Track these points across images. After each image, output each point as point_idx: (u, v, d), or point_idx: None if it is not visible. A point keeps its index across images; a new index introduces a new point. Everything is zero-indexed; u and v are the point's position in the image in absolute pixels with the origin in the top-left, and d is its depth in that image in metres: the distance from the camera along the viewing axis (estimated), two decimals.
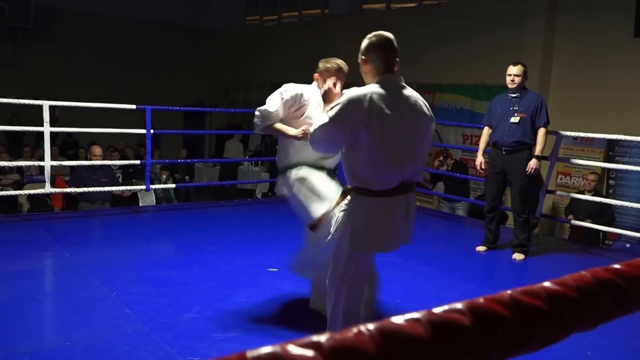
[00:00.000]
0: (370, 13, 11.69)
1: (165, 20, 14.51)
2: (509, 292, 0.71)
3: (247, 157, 11.94)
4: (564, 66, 8.20)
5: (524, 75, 4.90)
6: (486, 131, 5.19)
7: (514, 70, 4.90)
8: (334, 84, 3.01)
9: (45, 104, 5.48)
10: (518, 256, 4.97)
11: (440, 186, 7.87)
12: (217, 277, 4.04)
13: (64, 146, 11.23)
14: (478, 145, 5.39)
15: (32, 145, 9.47)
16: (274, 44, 13.65)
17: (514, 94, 4.94)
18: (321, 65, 3.37)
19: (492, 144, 5.11)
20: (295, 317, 3.47)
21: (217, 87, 15.05)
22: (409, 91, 2.78)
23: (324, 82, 3.13)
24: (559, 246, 5.69)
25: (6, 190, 7.19)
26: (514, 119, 4.87)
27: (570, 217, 6.29)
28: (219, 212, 6.47)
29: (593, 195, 6.25)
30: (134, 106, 5.99)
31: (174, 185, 7.64)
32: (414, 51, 10.38)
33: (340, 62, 3.39)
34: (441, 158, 7.83)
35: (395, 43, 2.86)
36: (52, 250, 4.60)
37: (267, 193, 9.74)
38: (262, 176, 10.64)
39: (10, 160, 7.98)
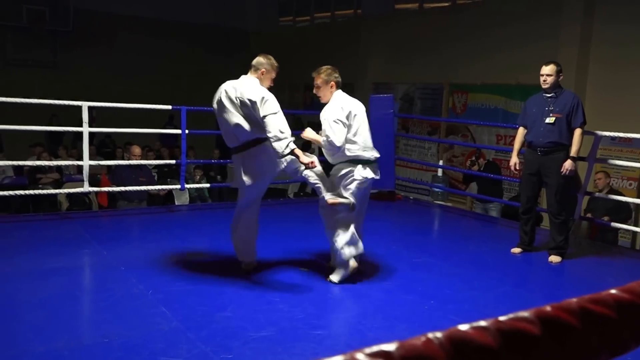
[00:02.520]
0: (403, 13, 11.61)
1: (200, 22, 14.69)
2: (575, 300, 0.68)
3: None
4: (602, 65, 8.02)
5: (557, 74, 4.80)
6: (521, 131, 5.10)
7: (546, 70, 4.81)
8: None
9: (85, 105, 5.58)
10: (555, 258, 4.88)
11: (474, 187, 7.78)
12: (251, 276, 4.06)
13: (101, 145, 11.47)
14: (512, 145, 5.31)
15: (68, 145, 9.69)
16: (306, 45, 13.68)
17: (549, 93, 4.85)
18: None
19: (527, 144, 5.02)
20: (330, 317, 3.48)
21: None
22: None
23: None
24: (596, 248, 5.56)
25: (46, 189, 7.38)
26: (550, 119, 4.78)
27: (606, 218, 6.15)
28: None
29: (607, 193, 6.24)
30: (169, 107, 6.07)
31: (208, 185, 7.72)
32: (447, 52, 10.30)
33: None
34: (473, 158, 7.73)
35: None
36: (90, 248, 4.68)
37: (298, 193, 9.75)
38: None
39: (50, 160, 8.19)
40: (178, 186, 6.31)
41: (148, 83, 13.49)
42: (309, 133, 4.00)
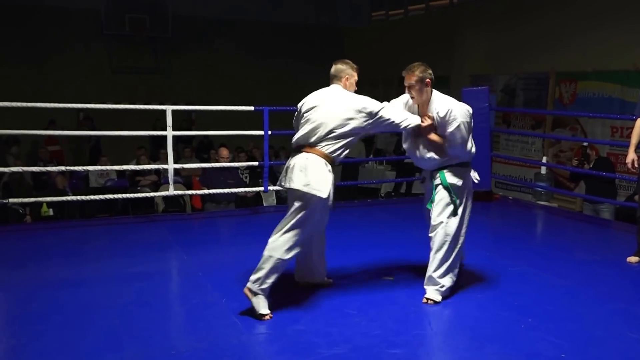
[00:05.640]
0: None
1: (293, 20, 14.75)
2: None
3: (371, 156, 11.69)
4: None
5: None
6: (639, 124, 4.48)
7: None
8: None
9: (168, 109, 5.65)
10: None
11: (582, 186, 7.05)
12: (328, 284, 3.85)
13: (201, 148, 11.78)
14: (629, 139, 4.67)
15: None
16: (400, 38, 13.29)
17: None
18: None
19: None
20: (410, 334, 3.17)
21: None
22: None
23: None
24: None
25: (144, 191, 7.64)
26: None
27: None
28: (339, 213, 6.26)
29: None
30: (251, 108, 6.01)
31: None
32: (552, 37, 9.49)
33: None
34: (581, 158, 6.96)
35: None
36: (171, 252, 4.72)
37: (390, 192, 9.42)
38: (386, 175, 10.33)
39: (149, 163, 8.48)
40: (261, 188, 6.22)
41: (245, 83, 13.76)
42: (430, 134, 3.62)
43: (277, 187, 7.14)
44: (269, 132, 6.00)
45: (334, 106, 3.44)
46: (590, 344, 3.04)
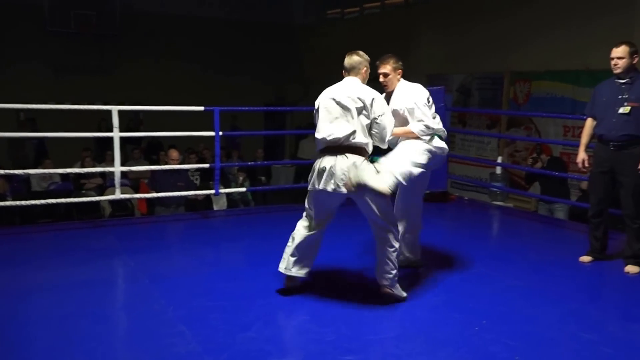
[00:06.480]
0: None
1: (246, 18, 14.53)
2: None
3: None
4: None
5: (631, 56, 4.20)
6: (589, 123, 4.52)
7: (616, 52, 4.23)
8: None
9: (114, 109, 5.42)
10: (632, 269, 4.28)
11: (537, 186, 7.11)
12: (286, 289, 3.73)
13: (150, 149, 11.43)
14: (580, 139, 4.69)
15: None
16: (355, 37, 13.24)
17: (623, 79, 4.25)
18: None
19: (597, 138, 4.44)
20: (364, 340, 3.09)
21: (298, 84, 14.90)
22: None
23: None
24: None
25: (90, 194, 7.33)
26: (624, 109, 4.20)
27: None
28: (293, 217, 6.13)
29: None
30: (202, 108, 5.83)
31: (244, 189, 7.44)
32: (507, 37, 9.58)
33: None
34: (534, 155, 7.03)
35: None
36: (117, 258, 4.54)
37: None
38: None
39: (94, 165, 8.15)
40: (212, 191, 6.03)
41: (195, 83, 13.46)
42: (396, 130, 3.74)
43: (227, 190, 7.04)
44: (220, 133, 5.82)
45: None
46: (543, 345, 3.04)
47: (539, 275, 4.23)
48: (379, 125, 3.48)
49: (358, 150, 3.44)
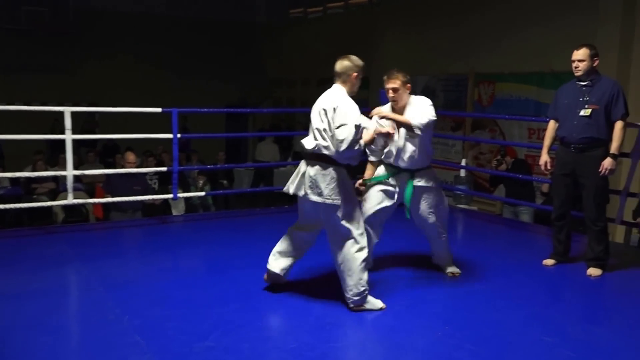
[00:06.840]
0: None
1: (208, 16, 14.27)
2: None
3: (289, 159, 11.44)
4: None
5: (591, 59, 4.20)
6: (552, 125, 4.51)
7: (577, 54, 4.23)
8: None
9: (67, 110, 5.20)
10: (594, 271, 4.28)
11: (502, 189, 7.12)
12: (240, 298, 3.64)
13: (105, 152, 11.08)
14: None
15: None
16: (319, 37, 13.16)
17: (584, 81, 4.25)
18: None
19: (559, 140, 4.43)
20: (325, 347, 3.02)
21: (261, 86, 14.75)
22: None
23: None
24: None
25: (41, 199, 7.03)
26: (585, 112, 4.19)
27: None
28: (253, 222, 6.01)
29: None
30: (159, 109, 5.64)
31: (203, 193, 7.26)
32: (471, 38, 9.62)
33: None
34: (498, 157, 7.05)
35: None
36: (70, 266, 4.37)
37: None
38: None
39: (47, 169, 7.83)
40: (170, 196, 5.83)
41: (154, 83, 13.14)
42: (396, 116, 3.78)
43: (186, 194, 6.84)
44: (179, 136, 5.64)
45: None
46: (506, 350, 3.04)
47: (502, 278, 4.21)
48: (333, 137, 3.30)
49: (325, 158, 3.36)
